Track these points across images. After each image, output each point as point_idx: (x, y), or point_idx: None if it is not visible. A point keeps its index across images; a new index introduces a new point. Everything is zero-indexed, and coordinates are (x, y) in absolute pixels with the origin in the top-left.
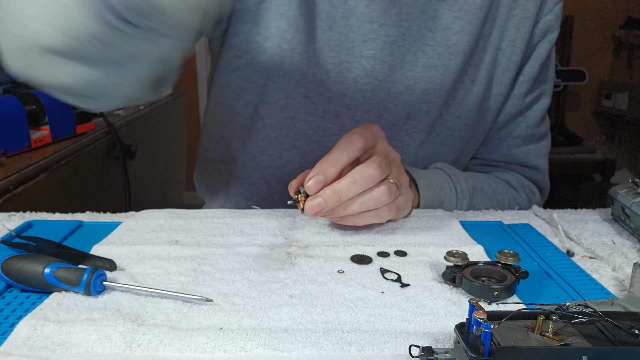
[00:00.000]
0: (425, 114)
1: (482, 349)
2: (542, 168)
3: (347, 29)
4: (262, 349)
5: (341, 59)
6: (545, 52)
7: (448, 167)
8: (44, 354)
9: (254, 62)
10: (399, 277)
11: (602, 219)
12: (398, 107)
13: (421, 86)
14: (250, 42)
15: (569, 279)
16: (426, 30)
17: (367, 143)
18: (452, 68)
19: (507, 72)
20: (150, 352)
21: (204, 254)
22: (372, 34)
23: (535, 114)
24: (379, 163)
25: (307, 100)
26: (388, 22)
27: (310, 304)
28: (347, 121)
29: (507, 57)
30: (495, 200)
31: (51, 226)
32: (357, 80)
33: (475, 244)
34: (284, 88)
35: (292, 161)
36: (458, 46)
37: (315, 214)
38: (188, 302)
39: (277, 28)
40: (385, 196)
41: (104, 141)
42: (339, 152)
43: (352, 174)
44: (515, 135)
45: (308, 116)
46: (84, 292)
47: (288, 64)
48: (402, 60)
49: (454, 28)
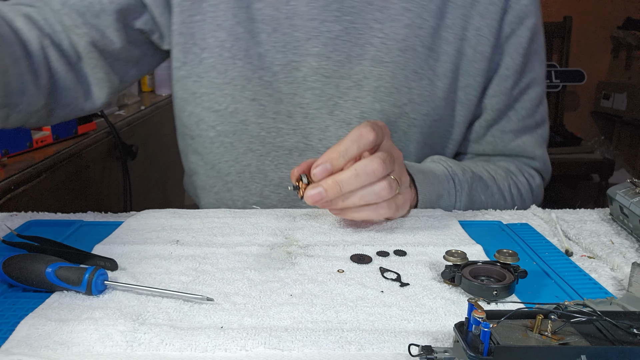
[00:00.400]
0: (378, 113)
1: (481, 348)
2: (541, 156)
3: (292, 28)
4: (263, 348)
5: (289, 59)
6: (525, 40)
7: (444, 160)
8: (45, 353)
9: (192, 72)
10: (399, 277)
11: (600, 219)
12: (348, 103)
13: (371, 82)
14: (188, 53)
15: (568, 279)
16: (373, 22)
17: (377, 138)
18: (401, 65)
19: (474, 63)
20: (151, 351)
21: (205, 253)
22: (314, 31)
23: (525, 105)
24: (383, 159)
25: (256, 103)
26: (329, 18)
27: (310, 303)
28: (300, 120)
29: (473, 47)
30: (496, 187)
31: (52, 226)
32: (306, 78)
33: (474, 244)
34: (230, 94)
35: (250, 165)
36: (407, 41)
37: (314, 203)
38: (189, 301)
39: (215, 38)
40: (386, 191)
41: (105, 141)
42: (349, 143)
43: (356, 167)
44: (508, 130)
45: (258, 118)
46: (85, 292)
47: (231, 71)
48: (349, 54)
49: (403, 20)
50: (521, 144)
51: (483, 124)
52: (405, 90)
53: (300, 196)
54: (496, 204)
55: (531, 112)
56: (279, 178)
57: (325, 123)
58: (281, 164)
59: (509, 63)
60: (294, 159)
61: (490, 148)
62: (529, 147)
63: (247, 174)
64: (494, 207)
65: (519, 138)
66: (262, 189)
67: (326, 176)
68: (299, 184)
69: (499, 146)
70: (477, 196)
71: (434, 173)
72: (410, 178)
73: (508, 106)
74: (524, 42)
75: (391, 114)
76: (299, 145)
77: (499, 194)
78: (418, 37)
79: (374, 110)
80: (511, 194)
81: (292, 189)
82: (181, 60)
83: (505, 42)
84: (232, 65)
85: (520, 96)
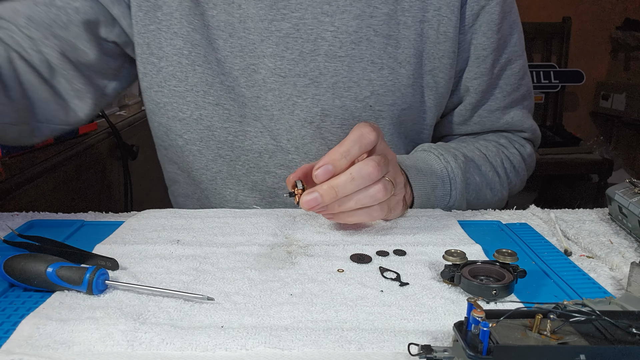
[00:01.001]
0: (339, 109)
1: (481, 348)
2: (530, 126)
3: (246, 32)
4: (263, 347)
5: (247, 63)
6: (496, 16)
7: (434, 147)
8: (46, 352)
9: (153, 82)
10: (398, 276)
11: (599, 219)
12: (307, 102)
13: (328, 79)
14: (146, 63)
15: (567, 278)
16: (323, 16)
17: (377, 139)
18: (357, 58)
19: (438, 45)
20: (152, 351)
21: (205, 253)
22: (265, 31)
23: (509, 81)
24: (378, 162)
25: (220, 108)
26: (277, 17)
27: (310, 302)
28: (266, 122)
29: (435, 28)
30: (488, 164)
31: (54, 226)
32: (265, 80)
33: (473, 243)
34: (193, 101)
35: (221, 171)
36: (360, 32)
37: (310, 209)
38: (189, 300)
39: (172, 46)
40: (381, 193)
41: (106, 142)
42: (351, 143)
43: (351, 170)
44: (495, 109)
45: (224, 123)
46: (86, 291)
47: (192, 77)
48: (302, 51)
49: (353, 11)
50: (509, 119)
51: (468, 106)
52: (365, 82)
53: (297, 202)
54: (491, 181)
55: (516, 87)
56: (251, 182)
57: (289, 123)
58: (252, 168)
59: (484, 43)
60: (265, 161)
61: (479, 127)
62: (517, 121)
63: (219, 181)
64: (489, 184)
65: (507, 114)
66: (236, 194)
67: (328, 178)
68: (295, 190)
69: (487, 125)
70: (472, 178)
71: (426, 163)
72: (404, 175)
73: (492, 85)
74: (496, 18)
75: (354, 108)
76: (269, 147)
77: (493, 171)
78: (371, 27)
79: (335, 107)
80: (504, 168)
81: (288, 196)
82: (142, 72)
83: (475, 21)
84: (192, 72)
85: (503, 72)
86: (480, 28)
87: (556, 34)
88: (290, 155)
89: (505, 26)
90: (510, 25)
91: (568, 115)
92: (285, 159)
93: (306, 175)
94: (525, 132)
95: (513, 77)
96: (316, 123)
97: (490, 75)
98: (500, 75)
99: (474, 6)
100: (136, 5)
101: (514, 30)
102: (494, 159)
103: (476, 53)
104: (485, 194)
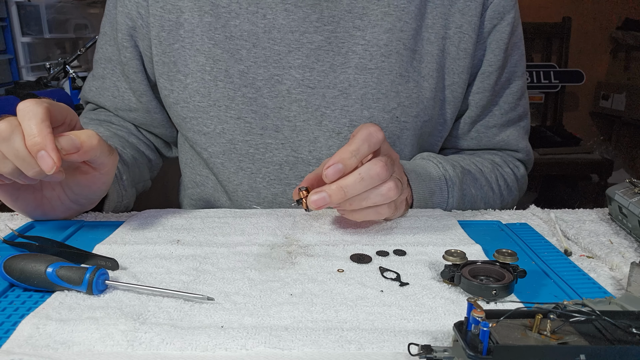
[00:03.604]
0: (367, 120)
1: (481, 347)
2: (524, 148)
3: (271, 42)
4: (263, 347)
5: (271, 73)
6: (506, 36)
7: (434, 156)
8: (46, 352)
9: (180, 98)
10: (398, 276)
11: (599, 219)
12: (336, 112)
13: (357, 90)
14: (173, 80)
15: (567, 278)
16: (354, 30)
17: (384, 138)
18: (386, 70)
19: (458, 60)
20: (152, 351)
21: (205, 253)
22: (295, 43)
23: (508, 99)
24: (385, 162)
25: (241, 121)
26: (310, 29)
27: (310, 302)
28: (288, 133)
29: (456, 45)
30: (484, 179)
31: (53, 226)
32: (290, 90)
33: (473, 243)
34: (216, 115)
35: (242, 184)
36: (390, 46)
37: (318, 208)
38: (189, 300)
39: (196, 63)
40: (393, 192)
41: None
42: (360, 142)
43: (360, 171)
44: (492, 125)
45: (245, 136)
46: (86, 291)
47: (214, 93)
48: (332, 63)
49: (384, 25)
50: (505, 137)
51: (467, 120)
52: (392, 94)
53: (305, 207)
54: (485, 196)
55: (514, 106)
56: (271, 195)
57: (314, 134)
58: (273, 180)
59: (491, 59)
60: (285, 174)
61: (475, 143)
62: (513, 141)
63: (239, 193)
64: (484, 198)
65: (502, 132)
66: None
67: (339, 177)
68: (301, 194)
69: (483, 141)
70: (468, 190)
71: (425, 170)
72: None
73: (491, 102)
74: (505, 37)
75: (381, 119)
76: (289, 159)
77: (488, 185)
78: (400, 41)
79: (363, 118)
80: (499, 185)
81: (296, 205)
82: (168, 88)
83: (487, 38)
84: (214, 87)
85: (503, 91)
86: (490, 45)
87: (556, 34)
88: (312, 167)
89: (510, 46)
90: (515, 45)
91: (568, 115)
92: (306, 171)
93: (312, 185)
94: (520, 153)
95: (512, 95)
96: (344, 134)
97: (492, 91)
98: (501, 93)
99: (488, 24)
100: (159, 26)
101: (517, 52)
102: (489, 174)
103: (483, 69)
104: (479, 206)
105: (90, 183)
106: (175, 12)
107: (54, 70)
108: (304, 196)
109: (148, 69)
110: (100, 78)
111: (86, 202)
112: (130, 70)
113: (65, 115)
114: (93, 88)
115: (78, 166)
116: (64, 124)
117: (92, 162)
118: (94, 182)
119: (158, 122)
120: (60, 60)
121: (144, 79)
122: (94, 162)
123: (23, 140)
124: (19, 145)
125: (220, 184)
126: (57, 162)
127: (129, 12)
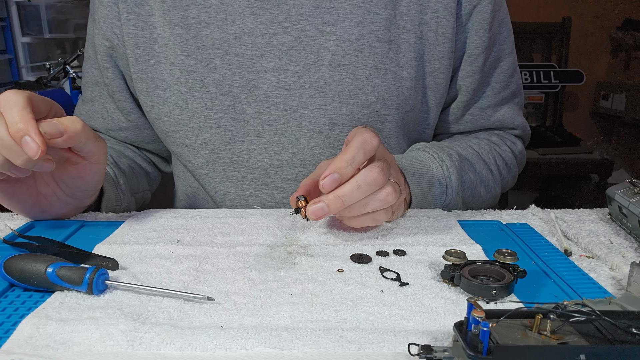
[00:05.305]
0: (347, 117)
1: (481, 347)
2: (520, 124)
3: (243, 47)
4: (263, 347)
5: (246, 79)
6: (488, 16)
7: (429, 146)
8: (46, 352)
9: (161, 113)
10: (398, 276)
11: (599, 219)
12: (314, 112)
13: (333, 88)
14: (153, 96)
15: (567, 278)
16: (324, 25)
17: (379, 143)
18: (360, 65)
19: (437, 46)
20: (152, 351)
21: (205, 253)
22: (266, 46)
23: (499, 78)
24: (381, 167)
25: (222, 130)
26: (279, 30)
27: (310, 302)
28: (269, 137)
29: (434, 30)
30: (482, 162)
31: (53, 226)
32: (267, 94)
33: (473, 243)
34: (196, 126)
35: (229, 192)
36: (361, 40)
37: (317, 218)
38: (189, 300)
39: (172, 77)
40: (391, 196)
41: None
42: (355, 150)
43: (356, 178)
44: (486, 106)
45: (227, 144)
46: (86, 291)
47: (192, 104)
48: (306, 63)
49: (354, 19)
50: (500, 117)
51: (460, 105)
52: (370, 89)
53: (304, 216)
54: (485, 179)
55: (506, 84)
56: (260, 201)
57: (296, 136)
58: (259, 186)
59: (476, 42)
60: (272, 178)
61: (470, 126)
62: (508, 119)
63: (227, 202)
64: (483, 182)
65: (497, 112)
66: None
67: (335, 187)
68: (299, 203)
69: (478, 123)
70: (467, 176)
71: (422, 162)
72: (402, 175)
73: (483, 83)
74: (487, 16)
75: (361, 115)
76: (274, 163)
77: (486, 168)
78: (372, 33)
79: (342, 115)
80: (497, 165)
81: (294, 213)
82: (149, 104)
83: (468, 20)
84: (191, 99)
85: (493, 70)
86: (472, 27)
87: (556, 34)
88: (297, 168)
89: (495, 25)
90: (500, 23)
91: (568, 115)
92: (292, 173)
93: (308, 192)
94: (516, 130)
95: (503, 74)
96: (325, 133)
97: (481, 73)
98: (491, 73)
99: (467, 5)
100: (133, 44)
101: (503, 29)
102: (486, 156)
103: (468, 52)
104: (479, 191)
105: (82, 174)
106: (148, 29)
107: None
108: (303, 206)
109: (130, 87)
110: (89, 101)
111: (83, 196)
112: (114, 90)
113: (49, 107)
114: (83, 112)
115: (67, 157)
116: (48, 115)
117: (80, 150)
118: (85, 173)
119: (149, 138)
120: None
121: (129, 97)
122: (82, 150)
123: (7, 128)
124: (3, 133)
125: (208, 195)
126: (42, 145)
127: (105, 33)
